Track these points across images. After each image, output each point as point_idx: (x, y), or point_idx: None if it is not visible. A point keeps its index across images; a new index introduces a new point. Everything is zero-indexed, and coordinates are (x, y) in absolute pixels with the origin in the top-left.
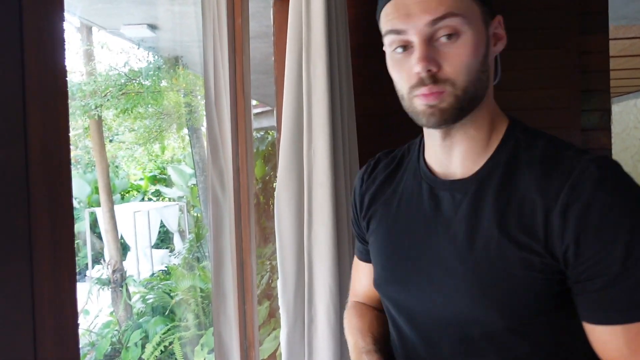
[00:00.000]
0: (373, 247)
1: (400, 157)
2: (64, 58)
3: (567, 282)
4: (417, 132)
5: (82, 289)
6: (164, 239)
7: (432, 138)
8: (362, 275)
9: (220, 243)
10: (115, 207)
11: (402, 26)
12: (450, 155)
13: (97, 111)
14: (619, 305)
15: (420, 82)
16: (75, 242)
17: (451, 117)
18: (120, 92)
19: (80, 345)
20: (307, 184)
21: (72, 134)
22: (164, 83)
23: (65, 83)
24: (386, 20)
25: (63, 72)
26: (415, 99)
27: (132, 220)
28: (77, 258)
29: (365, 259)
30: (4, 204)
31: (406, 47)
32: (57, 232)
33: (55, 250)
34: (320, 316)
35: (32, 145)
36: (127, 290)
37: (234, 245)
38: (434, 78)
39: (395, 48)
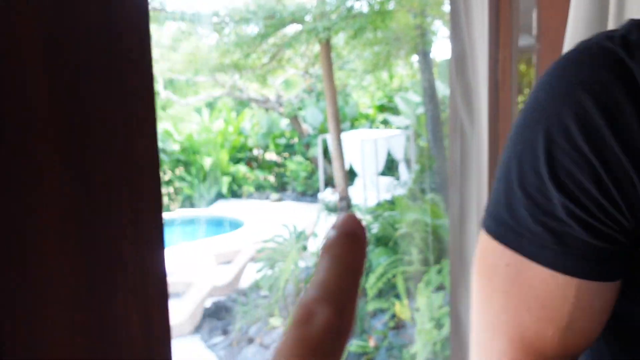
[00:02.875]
0: None
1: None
2: None
3: None
4: None
5: (314, 210)
6: (390, 167)
7: None
8: (588, 309)
9: (466, 186)
10: (345, 134)
11: None
12: None
13: (325, 34)
14: None
15: None
16: (311, 166)
17: None
18: (349, 14)
19: (309, 266)
20: None
21: (304, 62)
22: (391, 6)
23: None
24: None
25: None
26: None
27: (360, 148)
28: (310, 181)
29: (606, 276)
30: None
31: None
32: None
33: None
34: None
35: None
36: None
37: (482, 181)
38: None
39: None
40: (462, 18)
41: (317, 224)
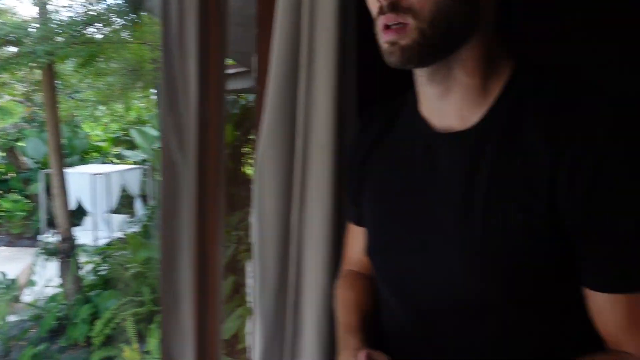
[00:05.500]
0: (366, 211)
1: (396, 108)
2: None
3: (571, 247)
4: None
5: (31, 255)
6: (125, 204)
7: (419, 85)
8: (356, 241)
9: (175, 209)
10: (74, 169)
11: None
12: (445, 103)
13: (47, 59)
14: (623, 274)
15: (380, 11)
16: (31, 204)
17: (417, 57)
18: (77, 40)
19: (25, 319)
20: (301, 145)
21: (24, 88)
22: (125, 35)
23: None
24: None
25: None
26: (380, 34)
27: (91, 184)
28: (30, 222)
29: (360, 222)
30: None
31: None
32: None
33: None
34: (308, 326)
35: None
36: (76, 261)
37: (192, 214)
38: (393, 6)
39: None
40: (175, 52)
41: (34, 270)
